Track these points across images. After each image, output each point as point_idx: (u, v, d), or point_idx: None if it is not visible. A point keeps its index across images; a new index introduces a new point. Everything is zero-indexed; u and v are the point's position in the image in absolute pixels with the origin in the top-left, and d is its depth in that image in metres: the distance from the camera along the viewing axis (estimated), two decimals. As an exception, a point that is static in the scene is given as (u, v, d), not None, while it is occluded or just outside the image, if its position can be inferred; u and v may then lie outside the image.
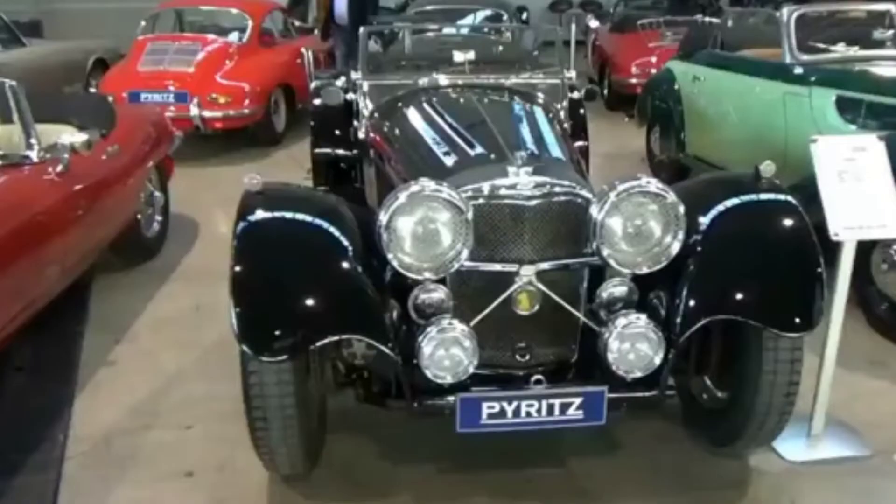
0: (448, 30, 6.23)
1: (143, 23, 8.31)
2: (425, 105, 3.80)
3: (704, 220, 2.64)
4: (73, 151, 3.79)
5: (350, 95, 4.32)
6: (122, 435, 3.13)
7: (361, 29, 4.48)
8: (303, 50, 7.26)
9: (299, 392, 2.51)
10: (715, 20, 6.75)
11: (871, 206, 2.76)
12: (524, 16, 16.23)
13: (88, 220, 3.86)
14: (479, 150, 3.00)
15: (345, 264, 2.50)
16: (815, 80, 4.66)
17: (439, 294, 2.59)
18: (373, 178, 3.83)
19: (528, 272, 2.56)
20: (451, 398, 2.47)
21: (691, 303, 2.50)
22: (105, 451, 3.03)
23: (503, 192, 2.57)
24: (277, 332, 2.36)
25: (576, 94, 4.48)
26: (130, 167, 4.40)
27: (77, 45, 9.52)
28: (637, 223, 2.52)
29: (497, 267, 2.59)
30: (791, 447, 2.99)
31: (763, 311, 2.48)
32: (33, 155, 3.64)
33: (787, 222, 2.62)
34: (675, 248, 2.51)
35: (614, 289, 2.63)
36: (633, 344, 2.48)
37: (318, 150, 5.02)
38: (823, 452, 2.99)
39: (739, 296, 2.51)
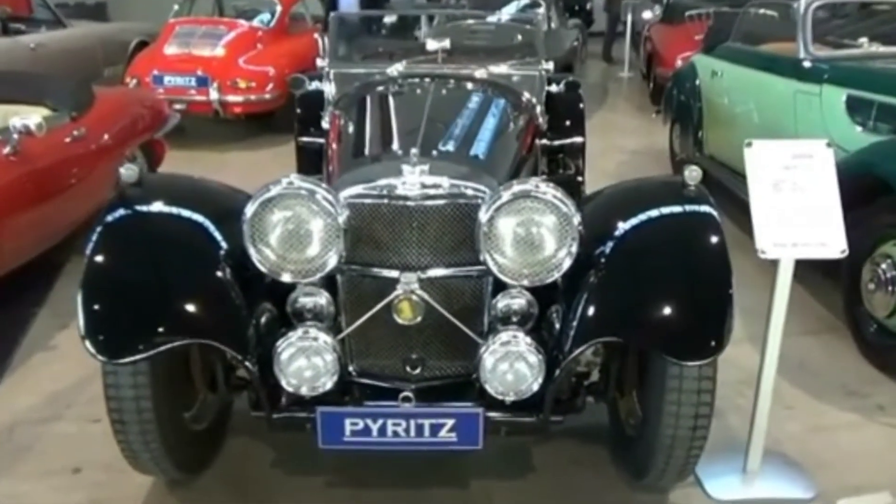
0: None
1: (175, 6, 8.36)
2: (376, 96, 3.63)
3: (614, 232, 2.38)
4: (28, 133, 3.76)
5: (315, 84, 4.19)
6: (29, 424, 3.07)
7: (332, 14, 4.34)
8: (316, 36, 7.22)
9: (160, 396, 2.38)
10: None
11: (811, 221, 2.44)
12: (588, 6, 15.88)
13: (39, 202, 3.83)
14: (392, 145, 2.81)
15: (209, 264, 2.35)
16: (826, 78, 4.25)
17: (318, 298, 2.43)
18: None
19: (409, 279, 2.36)
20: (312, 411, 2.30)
21: (581, 322, 2.26)
22: (6, 440, 2.98)
23: (389, 191, 2.37)
24: (121, 334, 2.22)
25: (554, 87, 4.20)
26: (99, 150, 4.36)
27: (119, 28, 9.66)
28: (531, 231, 2.29)
29: (377, 272, 2.40)
30: (720, 484, 2.70)
31: (657, 334, 2.22)
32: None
33: (702, 237, 2.34)
34: (566, 263, 2.26)
35: (511, 301, 2.41)
36: (511, 364, 2.26)
37: (301, 139, 4.91)
38: (756, 492, 2.69)
39: (633, 317, 2.25)
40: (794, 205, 2.44)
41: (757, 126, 4.88)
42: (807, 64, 4.38)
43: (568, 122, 4.97)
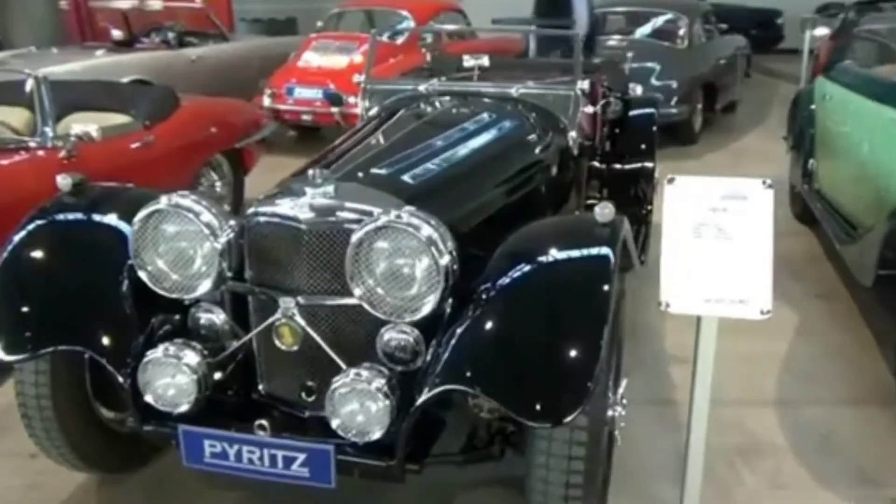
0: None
1: (319, 23, 8.78)
2: (386, 114, 3.63)
3: (505, 274, 2.18)
4: (90, 140, 4.11)
5: (351, 98, 4.24)
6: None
7: (371, 31, 4.36)
8: (423, 50, 7.28)
9: (63, 395, 2.50)
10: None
11: (733, 273, 2.09)
12: (779, 20, 14.76)
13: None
14: (333, 167, 2.76)
15: (110, 274, 2.42)
16: (925, 106, 3.65)
17: (212, 316, 2.45)
18: None
19: (287, 304, 2.30)
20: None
21: (443, 367, 2.08)
22: (-3, 420, 3.25)
23: (282, 212, 2.33)
24: (9, 335, 2.33)
25: (590, 109, 3.93)
26: (168, 156, 4.65)
27: (279, 42, 10.26)
28: (397, 262, 2.16)
29: (261, 295, 2.36)
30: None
31: (505, 389, 1.99)
32: (37, 140, 3.98)
33: (586, 286, 2.08)
34: (429, 305, 2.12)
35: (395, 335, 2.28)
36: (362, 402, 2.13)
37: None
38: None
39: (487, 367, 2.04)
40: (716, 254, 2.09)
41: (855, 158, 4.27)
42: (901, 89, 3.78)
43: (641, 146, 4.69)
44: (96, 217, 2.58)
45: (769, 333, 3.85)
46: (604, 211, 2.20)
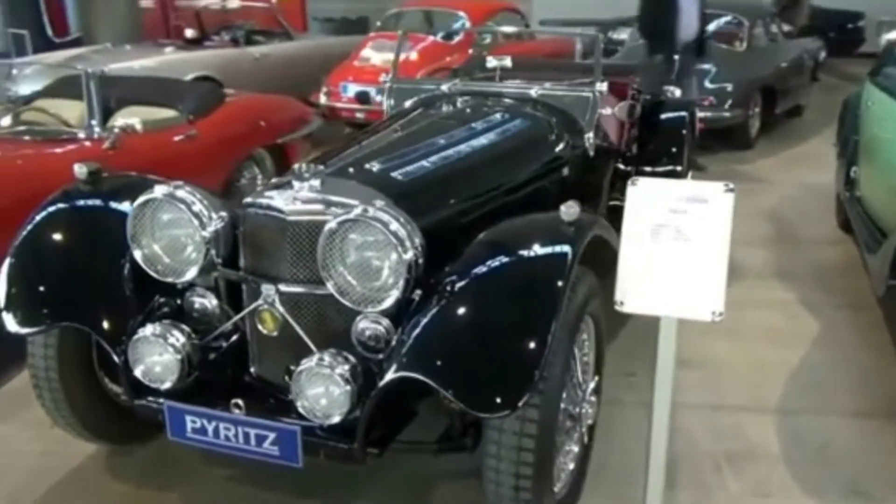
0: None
1: (378, 23, 8.95)
2: (404, 112, 3.73)
3: (472, 268, 2.26)
4: (133, 132, 4.36)
5: (378, 97, 4.35)
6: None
7: (399, 32, 4.46)
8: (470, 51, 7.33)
9: (70, 368, 2.69)
10: None
11: (689, 276, 2.10)
12: (860, 23, 14.23)
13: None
14: (329, 162, 2.87)
15: (113, 257, 2.59)
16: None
17: (205, 300, 2.60)
18: None
19: (268, 291, 2.43)
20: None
21: (398, 353, 2.18)
22: (22, 390, 3.43)
23: (269, 203, 2.46)
24: (19, 310, 2.51)
25: (608, 110, 3.94)
26: (209, 149, 4.85)
27: (342, 41, 10.46)
28: (364, 254, 2.26)
29: (246, 280, 2.50)
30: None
31: (454, 379, 2.06)
32: (84, 132, 4.24)
33: (542, 283, 2.15)
34: (393, 297, 2.21)
35: (368, 325, 2.37)
36: (327, 387, 2.24)
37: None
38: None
39: (439, 357, 2.12)
40: (673, 255, 2.11)
41: (894, 168, 4.14)
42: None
43: (671, 150, 4.66)
44: (107, 203, 2.76)
45: (784, 342, 3.80)
46: (569, 210, 2.24)
